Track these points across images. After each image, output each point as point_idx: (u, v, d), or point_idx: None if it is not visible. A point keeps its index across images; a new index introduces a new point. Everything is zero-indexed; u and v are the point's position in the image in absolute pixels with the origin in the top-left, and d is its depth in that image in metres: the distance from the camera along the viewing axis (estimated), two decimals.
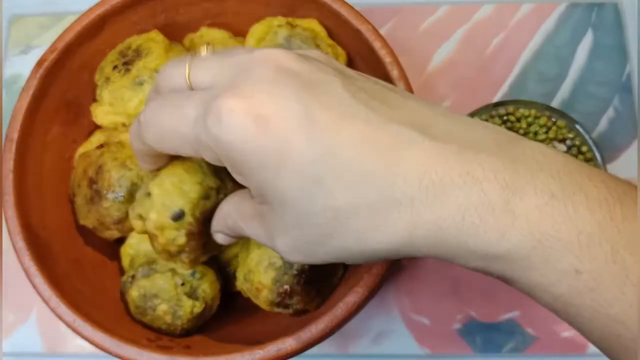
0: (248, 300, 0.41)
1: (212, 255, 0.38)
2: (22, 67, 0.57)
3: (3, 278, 0.50)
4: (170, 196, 0.33)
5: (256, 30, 0.45)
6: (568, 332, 0.47)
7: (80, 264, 0.44)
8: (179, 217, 0.33)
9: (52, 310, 0.39)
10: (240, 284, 0.40)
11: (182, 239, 0.34)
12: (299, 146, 0.25)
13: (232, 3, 0.47)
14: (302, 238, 0.27)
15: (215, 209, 0.35)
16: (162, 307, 0.40)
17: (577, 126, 0.45)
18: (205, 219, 0.35)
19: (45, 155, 0.44)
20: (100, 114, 0.43)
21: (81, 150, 0.45)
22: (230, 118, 0.25)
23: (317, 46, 0.43)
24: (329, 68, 0.28)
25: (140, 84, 0.42)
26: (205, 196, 0.34)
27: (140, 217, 0.35)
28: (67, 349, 0.49)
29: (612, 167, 0.50)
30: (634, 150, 0.51)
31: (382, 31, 0.43)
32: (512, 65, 0.54)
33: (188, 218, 0.34)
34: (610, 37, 0.54)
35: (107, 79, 0.43)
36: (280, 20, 0.45)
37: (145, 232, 0.35)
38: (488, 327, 0.48)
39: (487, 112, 0.46)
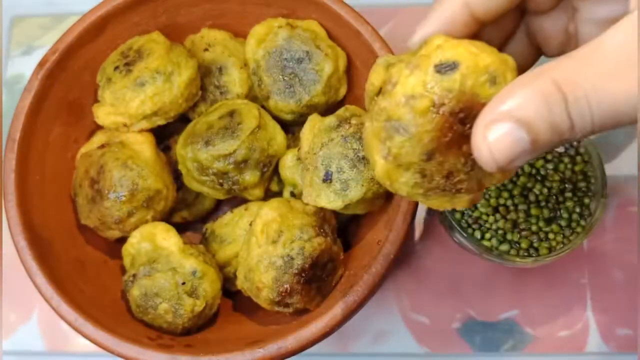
0: (248, 299, 0.41)
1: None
2: (24, 67, 0.57)
3: (5, 277, 0.50)
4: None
5: (257, 31, 0.45)
6: (566, 332, 0.48)
7: (82, 263, 0.44)
8: (451, 68, 0.23)
9: (54, 309, 0.39)
10: (241, 283, 0.41)
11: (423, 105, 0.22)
12: None
13: (233, 4, 0.47)
14: None
15: None
16: (163, 306, 0.40)
17: None
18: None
19: (47, 155, 0.44)
20: (102, 114, 0.43)
21: (83, 150, 0.46)
22: None
23: (317, 47, 0.44)
24: None
25: (142, 84, 0.42)
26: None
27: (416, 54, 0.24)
28: (69, 348, 0.50)
29: (610, 167, 0.50)
30: (633, 150, 0.51)
31: (381, 32, 0.44)
32: None
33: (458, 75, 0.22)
34: None
35: (109, 80, 0.43)
36: (280, 21, 0.45)
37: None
38: (487, 326, 0.48)
39: None
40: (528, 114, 0.20)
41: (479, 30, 0.26)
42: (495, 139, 0.21)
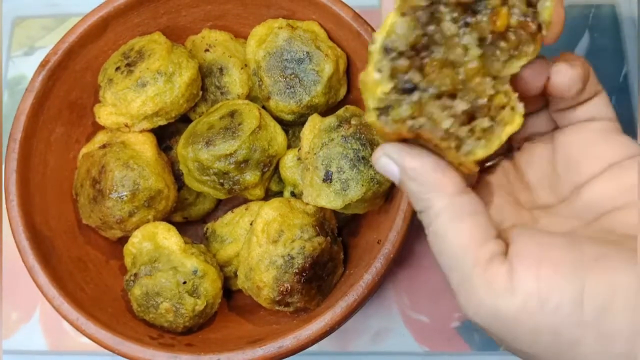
0: (249, 298, 0.42)
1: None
2: (26, 68, 0.58)
3: (6, 277, 0.51)
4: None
5: (257, 32, 0.45)
6: None
7: (84, 262, 0.44)
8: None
9: (55, 308, 0.39)
10: (242, 283, 0.41)
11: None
12: None
13: (233, 5, 0.47)
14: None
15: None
16: (165, 305, 0.40)
17: None
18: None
19: (48, 155, 0.45)
20: (104, 114, 0.44)
21: (84, 150, 0.46)
22: None
23: (318, 48, 0.44)
24: None
25: (143, 85, 0.42)
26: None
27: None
28: (71, 347, 0.50)
29: None
30: None
31: None
32: None
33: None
34: (608, 38, 0.54)
35: (110, 80, 0.43)
36: (280, 22, 0.45)
37: None
38: None
39: None
40: None
41: None
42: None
